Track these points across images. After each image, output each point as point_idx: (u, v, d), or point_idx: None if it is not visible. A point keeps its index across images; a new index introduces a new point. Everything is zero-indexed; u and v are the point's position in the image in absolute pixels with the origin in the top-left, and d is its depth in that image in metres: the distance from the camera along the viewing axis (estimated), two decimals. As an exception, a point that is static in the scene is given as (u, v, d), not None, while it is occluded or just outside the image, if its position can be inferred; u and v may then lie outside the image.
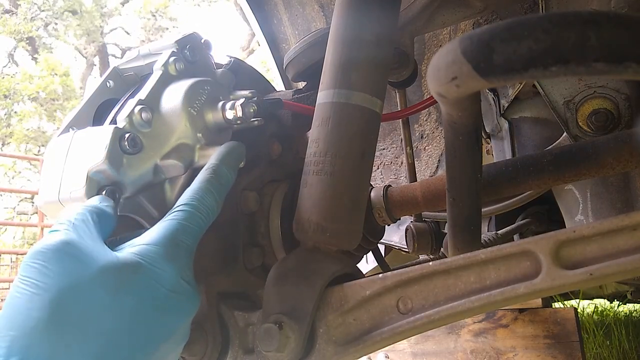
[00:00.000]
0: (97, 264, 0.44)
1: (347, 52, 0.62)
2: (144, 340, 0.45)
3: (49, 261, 0.43)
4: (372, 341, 0.53)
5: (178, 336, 0.49)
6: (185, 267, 0.50)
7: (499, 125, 1.19)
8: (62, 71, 13.04)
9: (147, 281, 0.46)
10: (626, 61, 0.33)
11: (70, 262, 0.43)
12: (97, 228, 0.49)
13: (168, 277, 0.47)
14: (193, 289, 0.50)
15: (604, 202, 0.98)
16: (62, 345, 0.40)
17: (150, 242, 0.49)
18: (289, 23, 1.51)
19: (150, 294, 0.46)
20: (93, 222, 0.49)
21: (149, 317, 0.45)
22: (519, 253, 0.48)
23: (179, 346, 0.50)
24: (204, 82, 0.64)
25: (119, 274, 0.45)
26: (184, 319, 0.49)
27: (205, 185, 0.55)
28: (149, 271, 0.46)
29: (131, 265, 0.46)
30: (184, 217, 0.52)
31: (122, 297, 0.44)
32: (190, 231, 0.51)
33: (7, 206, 11.92)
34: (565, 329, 1.55)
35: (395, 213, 0.85)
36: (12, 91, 12.55)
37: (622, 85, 0.87)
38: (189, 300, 0.49)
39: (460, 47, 0.39)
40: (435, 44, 1.26)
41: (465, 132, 0.59)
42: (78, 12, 13.11)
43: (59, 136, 0.62)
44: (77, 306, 0.42)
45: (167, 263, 0.48)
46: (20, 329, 0.40)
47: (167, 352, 0.48)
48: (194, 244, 0.52)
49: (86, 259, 0.44)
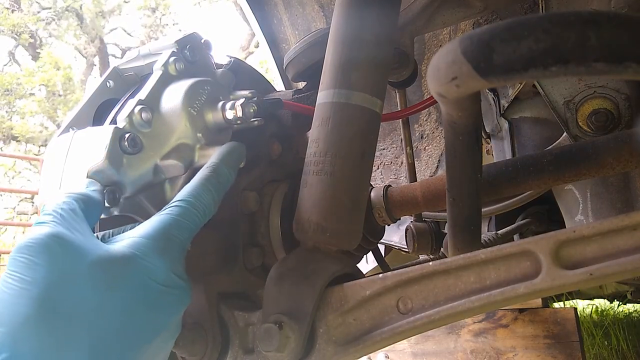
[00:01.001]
0: (87, 258, 0.44)
1: (347, 52, 0.62)
2: (135, 334, 0.44)
3: (37, 255, 0.42)
4: (372, 341, 0.53)
5: (170, 330, 0.49)
6: (177, 262, 0.50)
7: (499, 125, 1.19)
8: (64, 65, 13.03)
9: (138, 274, 0.46)
10: (626, 61, 0.33)
11: (59, 255, 0.43)
12: (85, 216, 0.48)
13: (159, 270, 0.47)
14: (185, 283, 0.50)
15: (604, 202, 0.98)
16: (52, 341, 0.40)
17: (142, 235, 0.48)
18: (289, 23, 1.51)
19: (141, 288, 0.46)
20: (80, 209, 0.48)
21: (140, 311, 0.45)
22: (519, 253, 0.48)
23: (171, 340, 0.50)
24: (204, 82, 0.64)
25: (109, 267, 0.44)
26: (176, 312, 0.49)
27: (203, 182, 0.55)
28: (140, 264, 0.46)
29: (122, 258, 0.46)
30: (179, 212, 0.51)
31: (113, 291, 0.44)
32: (184, 226, 0.51)
33: (7, 206, 11.92)
34: (565, 329, 1.55)
35: (395, 213, 0.85)
36: (14, 84, 12.52)
37: (622, 85, 0.87)
38: (180, 294, 0.49)
39: (460, 47, 0.39)
40: (435, 44, 1.26)
41: (465, 132, 0.59)
42: (78, 11, 13.12)
43: (59, 136, 0.62)
44: (66, 301, 0.41)
45: (158, 256, 0.48)
46: (8, 325, 0.39)
47: (160, 346, 0.47)
48: (187, 239, 0.51)
49: (75, 252, 0.44)
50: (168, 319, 0.48)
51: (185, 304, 0.51)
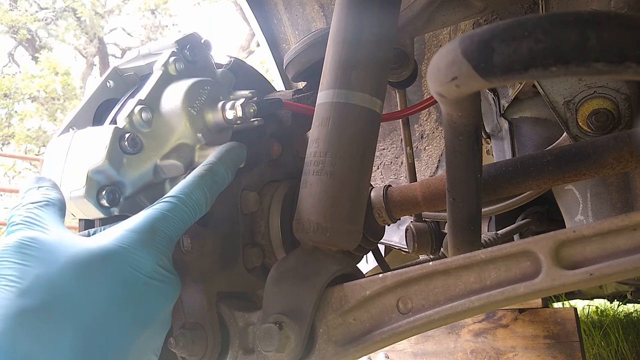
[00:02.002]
0: (64, 253, 0.44)
1: (347, 52, 0.62)
2: (122, 327, 0.44)
3: (13, 255, 0.42)
4: (372, 341, 0.53)
5: (159, 324, 0.49)
6: (163, 255, 0.50)
7: (499, 125, 1.19)
8: (63, 70, 13.03)
9: (121, 266, 0.46)
10: (626, 61, 0.33)
11: (34, 254, 0.43)
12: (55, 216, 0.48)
13: (144, 262, 0.47)
14: (173, 277, 0.50)
15: (604, 202, 0.98)
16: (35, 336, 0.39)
17: (127, 228, 0.48)
18: (289, 23, 1.50)
19: (125, 280, 0.45)
20: (46, 212, 0.48)
21: (126, 304, 0.45)
22: (519, 253, 0.48)
23: (159, 335, 0.50)
24: (204, 82, 0.64)
25: (89, 260, 0.44)
26: (164, 306, 0.49)
27: (197, 180, 0.55)
28: (123, 256, 0.46)
29: (102, 250, 0.45)
30: (167, 207, 0.51)
31: (95, 284, 0.43)
32: (171, 221, 0.51)
33: (7, 206, 11.92)
34: (565, 329, 1.55)
35: (395, 213, 0.85)
36: (13, 90, 12.54)
37: (622, 85, 0.87)
38: (167, 288, 0.49)
39: (460, 47, 0.39)
40: (435, 44, 1.26)
41: (465, 132, 0.59)
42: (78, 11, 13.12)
43: (59, 136, 0.62)
44: (47, 296, 0.41)
45: (143, 249, 0.47)
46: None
47: (149, 340, 0.47)
48: (174, 234, 0.51)
49: (51, 250, 0.44)
50: (155, 312, 0.48)
51: (173, 298, 0.50)
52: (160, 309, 0.48)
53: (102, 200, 0.54)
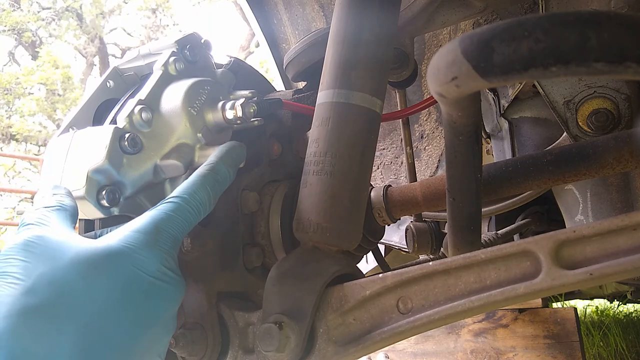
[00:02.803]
0: (68, 253, 0.44)
1: (347, 52, 0.62)
2: (125, 326, 0.44)
3: (20, 254, 0.43)
4: (372, 341, 0.53)
5: (163, 325, 0.49)
6: (168, 255, 0.50)
7: (499, 125, 1.19)
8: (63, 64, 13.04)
9: (125, 266, 0.46)
10: (626, 61, 0.33)
11: (41, 254, 0.43)
12: (64, 219, 0.49)
13: (149, 262, 0.47)
14: (178, 277, 0.50)
15: (604, 202, 0.98)
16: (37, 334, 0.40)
17: (131, 229, 0.49)
18: (289, 23, 1.50)
19: (129, 279, 0.45)
20: (57, 215, 0.49)
21: (130, 303, 0.45)
22: (519, 253, 0.48)
23: (165, 337, 0.50)
24: (204, 82, 0.64)
25: (93, 259, 0.45)
26: (168, 307, 0.49)
27: (200, 180, 0.55)
28: (127, 255, 0.46)
29: (106, 250, 0.46)
30: (171, 208, 0.51)
31: (98, 283, 0.44)
32: (176, 222, 0.51)
33: (7, 206, 11.93)
34: (565, 329, 1.55)
35: (395, 213, 0.85)
36: (13, 83, 12.53)
37: (622, 85, 0.87)
38: (172, 288, 0.49)
39: (460, 47, 0.39)
40: (435, 44, 1.26)
41: (465, 132, 0.59)
42: (78, 11, 13.12)
43: (59, 136, 0.62)
44: (52, 294, 0.41)
45: (147, 249, 0.48)
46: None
47: (153, 341, 0.47)
48: (179, 234, 0.51)
49: (57, 248, 0.44)
50: (161, 311, 0.48)
51: (178, 299, 0.50)
52: (164, 310, 0.48)
53: (102, 200, 0.54)
